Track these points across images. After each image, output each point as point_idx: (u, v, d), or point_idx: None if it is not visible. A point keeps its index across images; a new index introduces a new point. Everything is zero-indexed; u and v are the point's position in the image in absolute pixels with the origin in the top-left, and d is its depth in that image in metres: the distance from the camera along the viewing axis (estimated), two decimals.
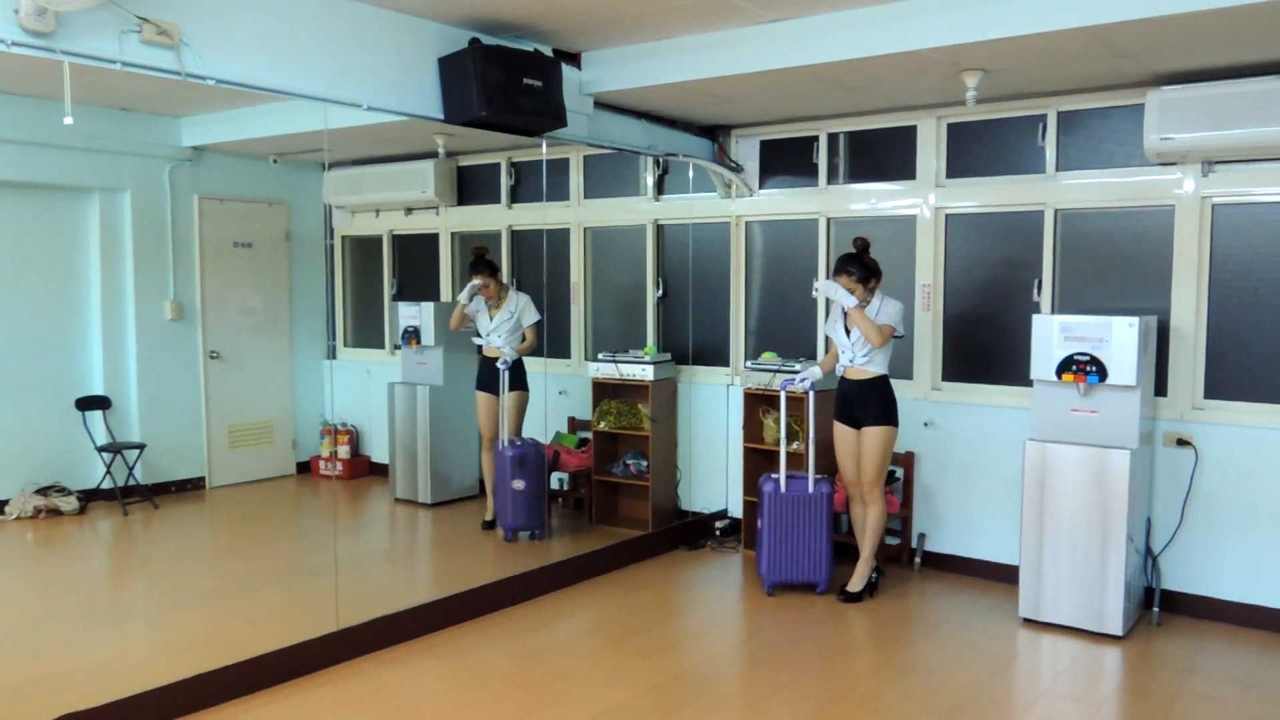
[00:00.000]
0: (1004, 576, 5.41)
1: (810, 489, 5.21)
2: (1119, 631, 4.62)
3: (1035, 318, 4.82)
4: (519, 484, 6.01)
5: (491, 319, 6.24)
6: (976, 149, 5.56)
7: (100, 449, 6.75)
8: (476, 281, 6.14)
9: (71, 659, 4.31)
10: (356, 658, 4.35)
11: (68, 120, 3.56)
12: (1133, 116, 5.00)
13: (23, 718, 3.38)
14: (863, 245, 4.97)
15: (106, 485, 6.75)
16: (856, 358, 4.97)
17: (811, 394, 5.21)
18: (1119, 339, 4.56)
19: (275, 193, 7.80)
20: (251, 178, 7.60)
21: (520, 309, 6.27)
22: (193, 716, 3.75)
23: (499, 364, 6.08)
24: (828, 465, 5.46)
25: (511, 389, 6.18)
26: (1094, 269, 5.26)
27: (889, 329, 4.89)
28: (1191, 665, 4.38)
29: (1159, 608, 4.93)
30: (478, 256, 6.22)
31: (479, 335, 6.32)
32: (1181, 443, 4.96)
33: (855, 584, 5.12)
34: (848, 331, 5.01)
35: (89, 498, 6.74)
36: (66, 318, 6.88)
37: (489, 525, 6.33)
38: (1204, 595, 4.94)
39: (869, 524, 5.08)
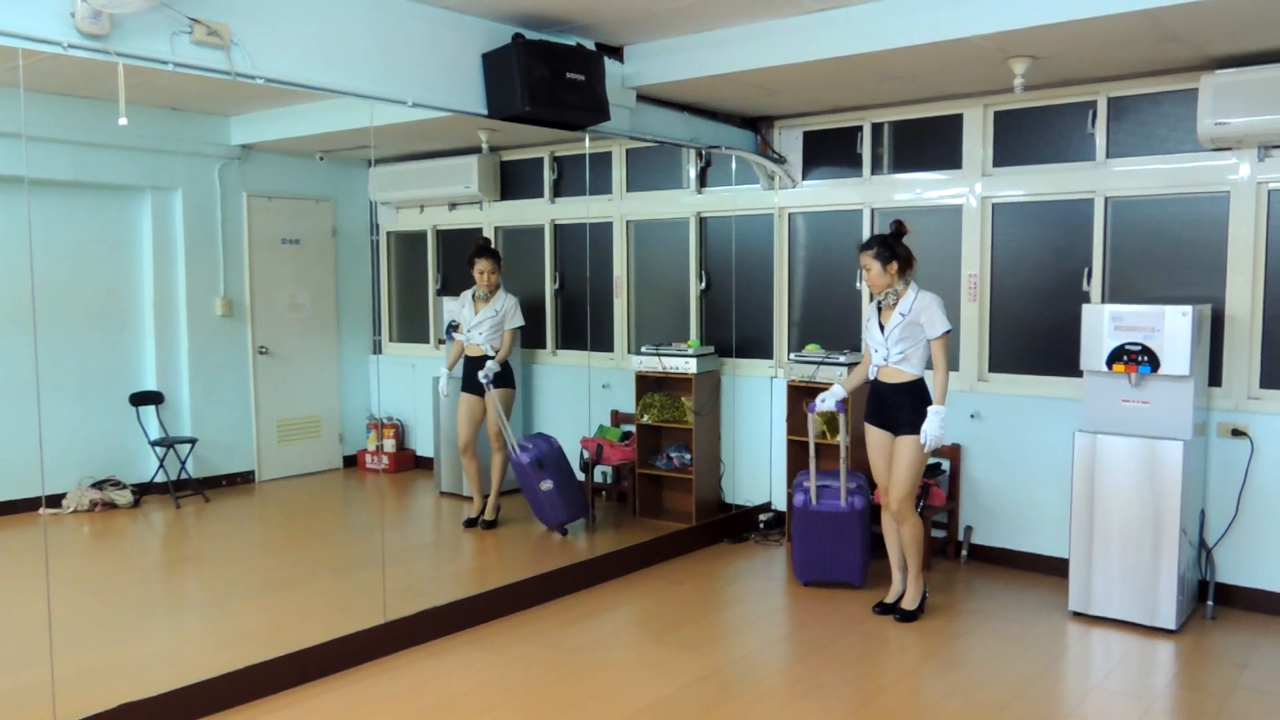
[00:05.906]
0: (1053, 570, 5.35)
1: (842, 503, 5.16)
2: (1172, 625, 4.54)
3: (1085, 307, 4.76)
4: (547, 484, 5.97)
5: (476, 313, 6.19)
6: (1024, 137, 5.48)
7: (153, 443, 6.88)
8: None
9: (128, 649, 4.42)
10: (404, 649, 4.40)
11: (122, 121, 3.64)
12: (1186, 101, 4.91)
13: (83, 705, 3.46)
14: (895, 229, 4.68)
15: (160, 479, 6.88)
16: (891, 356, 4.61)
17: (840, 411, 5.10)
18: (1172, 328, 4.48)
19: (322, 190, 7.90)
20: (298, 175, 7.70)
21: (505, 310, 6.21)
22: (246, 706, 3.82)
23: (481, 377, 6.01)
24: (862, 469, 5.36)
25: (497, 385, 6.13)
26: (1145, 257, 5.16)
27: (944, 339, 4.55)
28: (1247, 660, 4.29)
29: (1213, 601, 4.85)
30: (484, 244, 6.24)
31: (454, 331, 6.29)
32: (1237, 433, 4.86)
33: (910, 602, 4.80)
34: (882, 328, 4.67)
35: (143, 491, 6.88)
36: (121, 314, 7.03)
37: (470, 523, 6.33)
38: (1260, 588, 4.85)
39: (906, 542, 4.73)
